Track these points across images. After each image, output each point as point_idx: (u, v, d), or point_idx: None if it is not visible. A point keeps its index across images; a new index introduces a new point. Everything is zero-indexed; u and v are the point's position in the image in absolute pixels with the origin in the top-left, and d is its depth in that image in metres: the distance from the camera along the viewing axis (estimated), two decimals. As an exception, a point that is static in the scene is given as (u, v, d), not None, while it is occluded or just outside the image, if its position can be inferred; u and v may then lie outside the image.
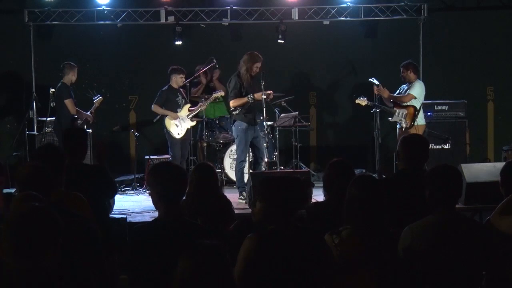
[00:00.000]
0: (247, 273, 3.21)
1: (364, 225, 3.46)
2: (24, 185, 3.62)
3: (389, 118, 9.55)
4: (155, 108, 9.61)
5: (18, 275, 2.43)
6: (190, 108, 9.73)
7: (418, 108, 9.33)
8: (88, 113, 9.67)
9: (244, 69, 8.45)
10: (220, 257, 2.72)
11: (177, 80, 9.67)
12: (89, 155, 9.58)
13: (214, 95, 9.77)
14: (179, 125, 9.58)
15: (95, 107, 9.78)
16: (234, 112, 8.58)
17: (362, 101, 9.42)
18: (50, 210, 2.48)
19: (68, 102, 9.36)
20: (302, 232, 3.37)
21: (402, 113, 9.36)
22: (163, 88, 9.66)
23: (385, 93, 9.39)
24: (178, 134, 9.56)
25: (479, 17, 11.68)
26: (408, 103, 9.36)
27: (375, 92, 9.34)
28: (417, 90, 9.37)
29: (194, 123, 9.78)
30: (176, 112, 9.60)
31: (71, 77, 9.49)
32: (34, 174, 3.68)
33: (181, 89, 9.78)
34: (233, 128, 8.71)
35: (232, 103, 8.53)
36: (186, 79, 9.98)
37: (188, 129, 9.69)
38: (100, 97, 9.86)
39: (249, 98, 8.39)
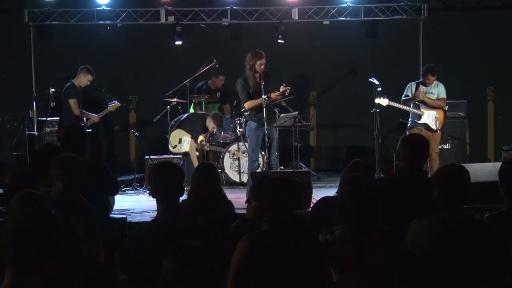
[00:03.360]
0: (241, 275, 3.21)
1: (357, 224, 3.46)
2: (10, 189, 3.63)
3: (416, 120, 9.26)
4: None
5: None
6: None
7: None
8: (95, 114, 9.59)
9: (248, 68, 8.31)
10: (203, 258, 2.70)
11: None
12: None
13: None
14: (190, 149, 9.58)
15: (107, 111, 9.67)
16: (246, 113, 8.56)
17: (383, 101, 9.14)
18: (51, 210, 2.47)
19: (72, 102, 9.33)
20: (296, 233, 3.37)
21: (433, 116, 9.21)
22: None
23: (426, 98, 9.21)
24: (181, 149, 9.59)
25: (479, 17, 11.67)
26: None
27: (418, 96, 9.09)
28: (445, 93, 9.35)
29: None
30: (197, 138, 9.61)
31: (82, 79, 9.41)
32: (17, 179, 3.71)
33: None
34: (246, 128, 8.77)
35: (246, 105, 8.37)
36: (189, 83, 9.99)
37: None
38: (117, 103, 9.72)
39: (264, 100, 8.23)
